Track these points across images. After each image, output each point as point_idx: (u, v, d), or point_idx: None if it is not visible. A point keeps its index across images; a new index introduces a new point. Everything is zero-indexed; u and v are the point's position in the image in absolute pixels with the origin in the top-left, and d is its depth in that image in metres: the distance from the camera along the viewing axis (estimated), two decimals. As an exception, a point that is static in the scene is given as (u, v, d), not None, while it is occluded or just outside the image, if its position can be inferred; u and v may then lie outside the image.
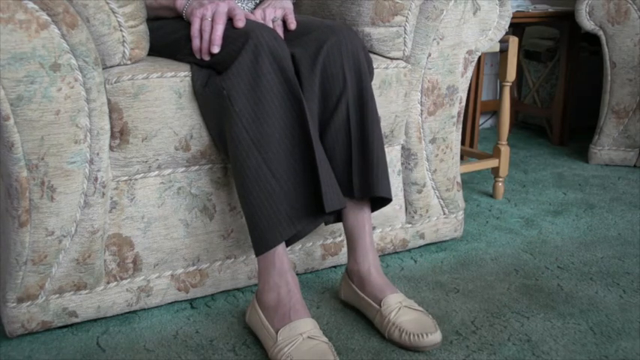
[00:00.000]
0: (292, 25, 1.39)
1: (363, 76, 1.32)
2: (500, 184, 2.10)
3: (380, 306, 1.28)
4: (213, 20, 1.25)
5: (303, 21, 1.41)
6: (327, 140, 1.31)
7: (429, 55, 1.53)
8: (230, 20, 1.27)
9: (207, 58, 1.26)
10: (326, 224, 1.42)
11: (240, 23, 1.25)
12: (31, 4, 1.08)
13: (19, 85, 1.09)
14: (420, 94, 1.55)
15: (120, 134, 1.23)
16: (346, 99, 1.30)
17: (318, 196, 1.20)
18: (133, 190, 1.29)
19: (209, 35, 1.25)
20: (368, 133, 1.31)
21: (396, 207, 1.60)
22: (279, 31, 1.37)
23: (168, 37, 1.35)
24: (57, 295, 1.26)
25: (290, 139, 1.21)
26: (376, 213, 1.51)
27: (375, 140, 1.32)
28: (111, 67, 1.23)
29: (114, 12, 1.19)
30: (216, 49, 1.24)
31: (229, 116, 1.20)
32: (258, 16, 1.37)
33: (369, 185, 1.31)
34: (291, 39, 1.34)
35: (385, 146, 1.51)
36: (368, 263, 1.33)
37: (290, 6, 1.45)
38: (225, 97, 1.20)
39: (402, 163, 1.59)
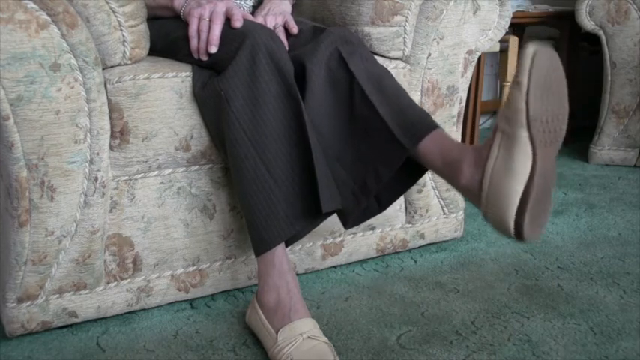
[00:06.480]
0: (294, 29, 1.39)
1: (368, 62, 1.30)
2: (500, 184, 2.10)
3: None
4: (210, 20, 1.25)
5: (302, 29, 1.41)
6: (358, 123, 1.26)
7: (429, 55, 1.53)
8: (228, 20, 1.27)
9: (204, 58, 1.26)
10: (347, 228, 1.33)
11: (237, 23, 1.25)
12: (31, 4, 1.08)
13: (19, 85, 1.09)
14: (420, 94, 1.55)
15: (120, 134, 1.23)
16: (357, 84, 1.27)
17: (316, 197, 1.20)
18: (133, 190, 1.29)
19: (206, 35, 1.25)
20: (386, 91, 1.27)
21: (396, 207, 1.60)
22: (281, 37, 1.37)
23: (167, 38, 1.35)
24: (57, 295, 1.26)
25: (287, 139, 1.20)
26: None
27: (399, 94, 1.27)
28: (111, 67, 1.23)
29: (114, 12, 1.19)
30: (213, 49, 1.24)
31: (227, 117, 1.20)
32: None
33: (417, 123, 1.22)
34: (291, 48, 1.34)
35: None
36: None
37: (289, 9, 1.44)
38: (222, 98, 1.20)
39: (402, 163, 1.59)
